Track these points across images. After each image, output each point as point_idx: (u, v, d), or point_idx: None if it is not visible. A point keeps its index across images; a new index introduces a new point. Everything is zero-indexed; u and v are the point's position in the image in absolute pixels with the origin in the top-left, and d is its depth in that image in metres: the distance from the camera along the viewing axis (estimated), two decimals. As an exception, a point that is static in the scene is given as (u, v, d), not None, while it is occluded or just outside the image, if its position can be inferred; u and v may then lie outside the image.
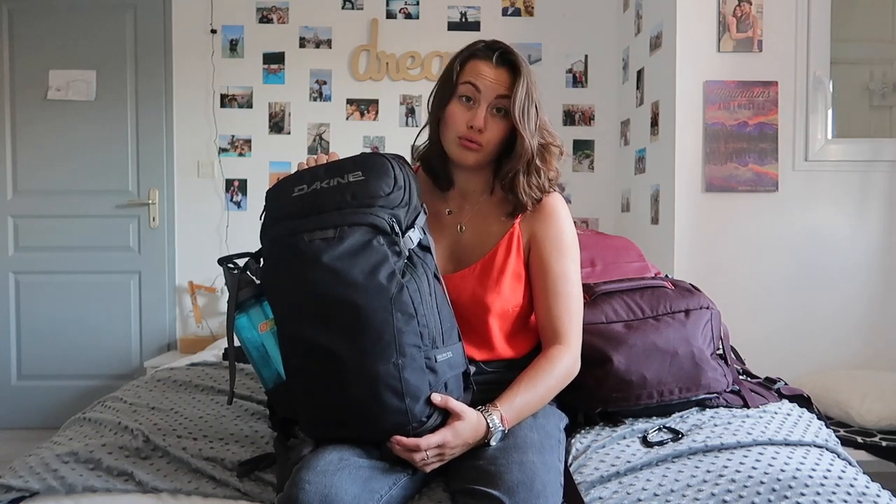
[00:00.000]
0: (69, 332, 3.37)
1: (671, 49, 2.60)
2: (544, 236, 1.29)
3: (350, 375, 1.03)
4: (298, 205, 1.10)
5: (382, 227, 1.07)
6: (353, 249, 1.04)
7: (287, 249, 1.07)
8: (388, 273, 1.04)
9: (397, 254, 1.06)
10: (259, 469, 1.19)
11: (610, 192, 3.45)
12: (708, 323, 1.46)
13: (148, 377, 1.72)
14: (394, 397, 1.02)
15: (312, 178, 1.11)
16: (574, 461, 1.23)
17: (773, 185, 2.56)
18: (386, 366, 1.02)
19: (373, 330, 1.02)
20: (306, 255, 1.04)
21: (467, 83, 1.24)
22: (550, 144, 1.28)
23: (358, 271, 1.03)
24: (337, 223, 1.06)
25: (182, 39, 3.39)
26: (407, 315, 1.04)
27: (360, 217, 1.07)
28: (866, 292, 2.60)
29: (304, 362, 1.06)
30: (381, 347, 1.02)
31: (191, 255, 3.43)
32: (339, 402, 1.05)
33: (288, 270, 1.06)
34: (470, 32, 3.36)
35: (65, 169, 3.36)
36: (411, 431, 1.04)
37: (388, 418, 1.03)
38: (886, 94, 2.92)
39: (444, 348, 1.08)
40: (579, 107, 3.46)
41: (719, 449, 1.24)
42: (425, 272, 1.10)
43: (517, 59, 1.24)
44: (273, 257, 1.10)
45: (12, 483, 1.15)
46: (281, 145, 3.43)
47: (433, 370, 1.06)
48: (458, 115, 1.24)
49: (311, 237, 1.05)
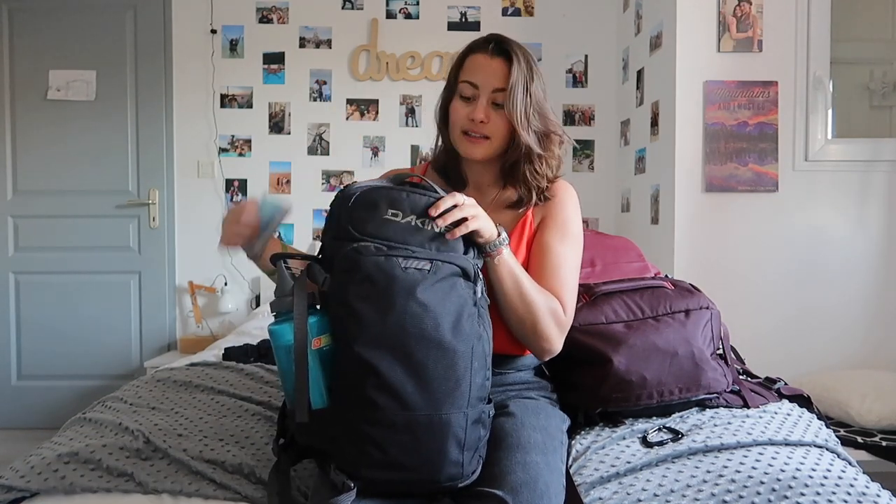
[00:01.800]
0: (69, 332, 3.37)
1: (671, 49, 2.60)
2: (552, 221, 1.30)
3: (421, 418, 0.97)
4: (389, 232, 1.02)
5: (468, 270, 1.04)
6: (444, 288, 1.00)
7: (379, 271, 0.98)
8: (470, 319, 1.01)
9: (474, 301, 1.04)
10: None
11: (610, 192, 3.45)
12: (708, 323, 1.46)
13: (148, 377, 1.72)
14: (456, 448, 0.99)
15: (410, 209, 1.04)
16: (574, 462, 1.23)
17: (773, 185, 2.56)
18: (458, 415, 0.98)
19: (455, 375, 0.98)
20: (401, 283, 0.97)
21: (465, 82, 1.26)
22: (551, 133, 1.28)
23: (448, 313, 0.99)
24: (431, 257, 1.01)
25: (182, 39, 3.39)
26: (481, 365, 1.02)
27: (449, 256, 1.03)
28: (866, 292, 2.60)
29: (371, 395, 0.97)
30: (457, 394, 0.98)
31: (191, 255, 3.43)
32: (404, 444, 0.97)
33: (375, 294, 0.97)
34: (470, 32, 3.35)
35: (65, 169, 3.36)
36: (458, 484, 1.01)
37: (446, 469, 0.99)
38: (886, 94, 2.92)
39: (490, 405, 1.06)
40: (579, 107, 3.46)
41: (719, 449, 1.23)
42: (488, 321, 1.08)
43: (511, 48, 1.26)
44: (357, 273, 0.99)
45: (13, 483, 1.15)
46: (281, 145, 3.44)
47: (484, 424, 1.04)
48: (460, 111, 1.27)
49: (407, 265, 0.99)
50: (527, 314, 1.19)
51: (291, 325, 0.99)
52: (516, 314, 1.20)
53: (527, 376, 1.32)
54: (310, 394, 0.99)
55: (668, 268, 2.51)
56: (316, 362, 1.00)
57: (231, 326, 3.35)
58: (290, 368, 0.99)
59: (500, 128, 1.25)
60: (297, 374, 0.98)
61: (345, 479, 0.99)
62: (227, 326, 3.40)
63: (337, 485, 0.99)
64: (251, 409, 1.46)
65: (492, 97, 1.24)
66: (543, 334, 1.21)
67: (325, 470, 1.04)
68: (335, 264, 1.02)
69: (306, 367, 0.98)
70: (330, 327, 1.01)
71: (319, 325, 1.00)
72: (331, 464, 1.02)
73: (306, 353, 0.98)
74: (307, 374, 0.98)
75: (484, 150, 1.27)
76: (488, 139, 1.26)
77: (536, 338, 1.21)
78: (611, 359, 1.36)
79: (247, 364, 1.79)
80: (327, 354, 1.01)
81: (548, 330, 1.21)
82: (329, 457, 1.03)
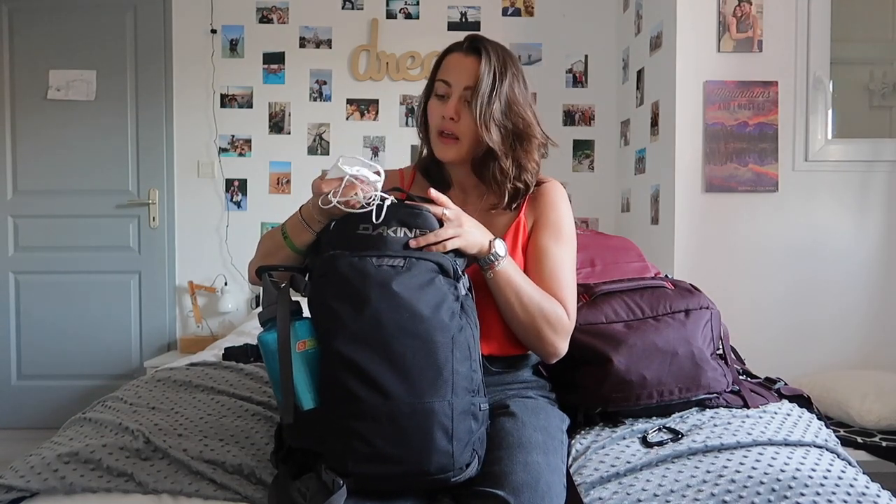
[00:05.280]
0: (69, 332, 3.37)
1: (671, 49, 2.60)
2: (545, 221, 1.31)
3: (404, 407, 0.98)
4: (364, 242, 1.06)
5: (446, 266, 1.06)
6: (420, 282, 1.02)
7: (352, 269, 1.02)
8: (449, 312, 1.03)
9: (455, 297, 1.06)
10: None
11: (610, 192, 3.45)
12: (708, 323, 1.46)
13: (148, 377, 1.72)
14: (443, 437, 0.99)
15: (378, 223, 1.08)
16: (574, 462, 1.23)
17: (773, 186, 2.56)
18: (441, 403, 1.00)
19: (435, 364, 1.00)
20: (374, 279, 1.01)
21: (440, 81, 1.29)
22: (525, 133, 1.28)
23: (424, 304, 1.01)
24: (405, 255, 1.05)
25: (182, 39, 3.39)
26: (464, 356, 1.03)
27: (424, 254, 1.06)
28: (866, 292, 2.60)
29: (353, 389, 0.99)
30: (440, 383, 1.00)
31: (191, 255, 3.43)
32: (388, 435, 0.99)
33: (351, 291, 1.01)
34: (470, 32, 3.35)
35: (65, 169, 3.36)
36: (451, 478, 1.01)
37: (435, 459, 0.99)
38: (886, 94, 2.92)
39: (484, 398, 1.07)
40: (579, 107, 3.46)
41: (719, 449, 1.23)
42: (474, 319, 1.10)
43: (484, 46, 1.26)
44: (333, 275, 1.03)
45: (13, 483, 1.15)
46: (281, 145, 3.43)
47: (476, 417, 1.04)
48: (435, 109, 1.29)
49: (380, 262, 1.03)
50: (530, 322, 1.21)
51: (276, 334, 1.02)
52: (519, 322, 1.21)
53: (526, 375, 1.33)
54: (300, 396, 1.02)
55: (668, 268, 2.50)
56: (303, 365, 1.02)
57: (231, 326, 3.35)
58: (278, 374, 1.02)
59: (470, 126, 1.26)
60: (281, 375, 1.01)
61: (334, 478, 0.99)
62: (226, 326, 3.40)
63: (328, 485, 1.00)
64: (251, 409, 1.46)
65: (463, 95, 1.26)
66: (548, 340, 1.23)
67: (318, 473, 1.05)
68: (314, 270, 1.06)
69: (290, 368, 1.01)
70: (314, 330, 1.04)
71: (304, 329, 1.04)
72: (322, 465, 1.03)
73: (290, 353, 1.01)
74: (291, 375, 1.01)
75: (455, 151, 1.28)
76: (458, 140, 1.27)
77: (542, 344, 1.23)
78: (611, 359, 1.36)
79: (247, 364, 1.78)
80: (313, 357, 1.03)
81: (552, 336, 1.22)
82: (320, 458, 1.04)
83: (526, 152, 1.29)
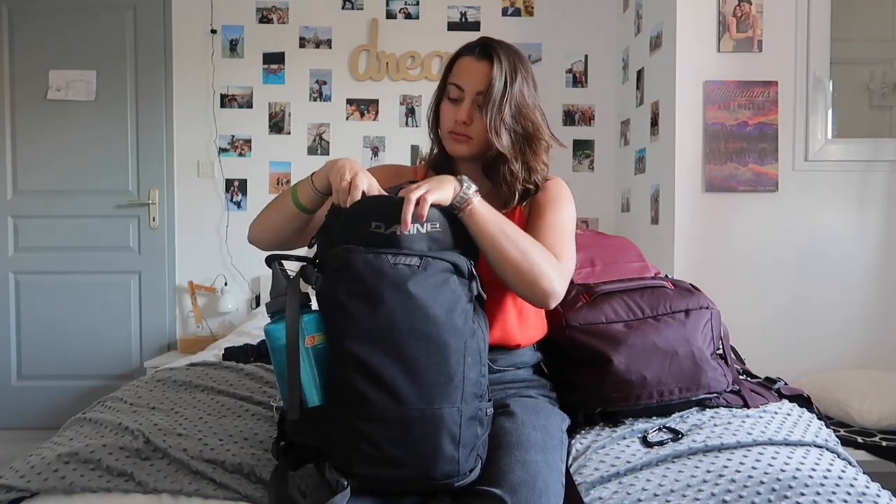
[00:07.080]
0: (69, 332, 3.37)
1: (671, 49, 2.60)
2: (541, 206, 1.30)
3: (414, 413, 0.97)
4: (375, 240, 1.03)
5: (461, 267, 1.04)
6: (435, 283, 1.00)
7: (368, 267, 0.99)
8: (463, 315, 1.01)
9: (468, 298, 1.04)
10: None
11: (610, 192, 3.45)
12: (708, 323, 1.46)
13: (148, 377, 1.72)
14: (450, 444, 0.98)
15: (391, 220, 1.04)
16: (574, 461, 1.23)
17: (773, 185, 2.56)
18: (451, 409, 0.98)
19: (447, 370, 0.98)
20: (390, 278, 0.98)
21: (452, 84, 1.30)
22: (534, 136, 1.29)
23: (439, 307, 0.99)
24: (422, 254, 1.02)
25: (182, 39, 3.39)
26: (475, 361, 1.02)
27: (440, 253, 1.04)
28: (866, 292, 2.60)
29: (363, 390, 0.97)
30: (450, 389, 0.98)
31: (191, 255, 3.43)
32: (396, 439, 0.97)
33: (365, 289, 0.98)
34: (470, 32, 3.36)
35: (65, 169, 3.36)
36: (455, 483, 1.00)
37: (441, 465, 0.98)
38: (886, 94, 2.92)
39: (489, 402, 1.06)
40: (579, 107, 3.46)
41: (719, 449, 1.24)
42: (485, 320, 1.09)
43: (495, 51, 1.27)
44: (347, 271, 1.00)
45: (13, 483, 1.15)
46: (281, 145, 3.43)
47: (481, 422, 1.03)
48: (447, 112, 1.31)
49: (396, 261, 1.00)
50: (520, 255, 1.12)
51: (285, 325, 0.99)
52: (509, 260, 1.12)
53: (526, 374, 1.33)
54: (305, 392, 0.99)
55: (668, 268, 2.50)
56: (311, 360, 1.00)
57: (231, 326, 3.35)
58: (284, 368, 0.99)
59: (482, 128, 1.27)
60: (288, 370, 0.98)
61: (338, 478, 0.98)
62: (226, 326, 3.40)
63: (332, 484, 0.99)
64: (251, 409, 1.46)
65: (475, 99, 1.27)
66: (543, 272, 1.13)
67: (321, 470, 1.04)
68: (327, 264, 1.04)
69: (298, 362, 0.98)
70: (324, 326, 1.02)
71: (313, 324, 1.01)
72: (326, 463, 1.02)
73: (298, 348, 0.98)
74: (299, 371, 0.98)
75: (468, 147, 1.30)
76: (470, 139, 1.29)
77: (537, 278, 1.13)
78: (611, 358, 1.36)
79: (247, 364, 1.78)
80: (321, 352, 1.01)
81: (547, 268, 1.14)
82: (325, 455, 1.03)
83: (534, 154, 1.30)
